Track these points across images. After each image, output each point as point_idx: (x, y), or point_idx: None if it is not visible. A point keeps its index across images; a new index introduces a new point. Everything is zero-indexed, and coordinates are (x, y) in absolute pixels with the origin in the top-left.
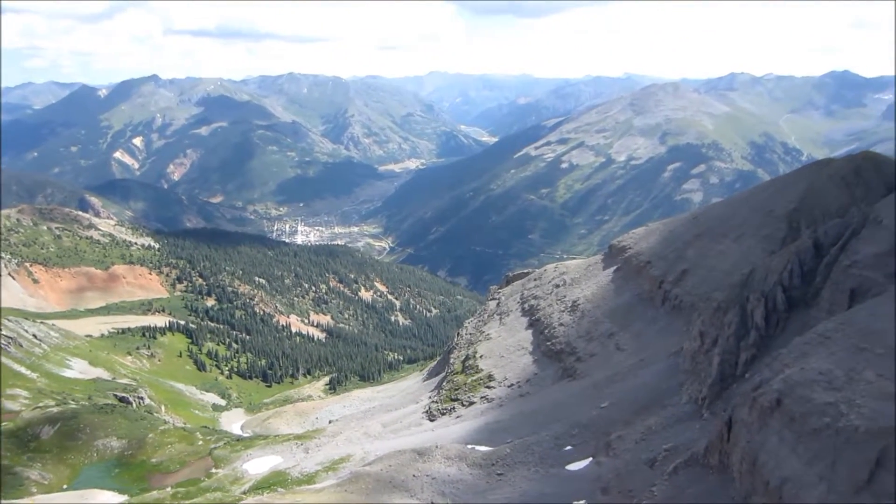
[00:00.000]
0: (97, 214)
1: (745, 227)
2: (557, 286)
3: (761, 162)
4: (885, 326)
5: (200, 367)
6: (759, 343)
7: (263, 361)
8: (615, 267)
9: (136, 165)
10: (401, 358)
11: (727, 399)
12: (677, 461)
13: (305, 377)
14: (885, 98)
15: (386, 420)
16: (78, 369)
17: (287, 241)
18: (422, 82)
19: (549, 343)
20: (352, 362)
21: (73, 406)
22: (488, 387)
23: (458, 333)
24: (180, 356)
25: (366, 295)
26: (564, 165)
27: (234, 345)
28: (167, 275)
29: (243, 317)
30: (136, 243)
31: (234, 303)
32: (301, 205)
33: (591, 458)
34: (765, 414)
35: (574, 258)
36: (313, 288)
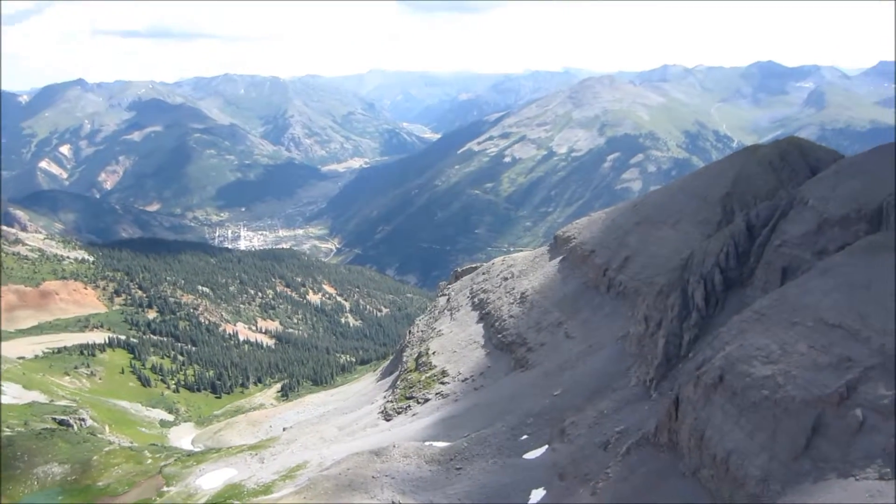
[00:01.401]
0: (24, 228)
1: (683, 213)
2: (506, 279)
3: (695, 150)
4: (815, 300)
5: (145, 382)
6: (700, 323)
7: (211, 372)
8: (561, 257)
9: (65, 175)
10: (353, 360)
11: (673, 379)
12: (629, 442)
13: (256, 385)
14: (805, 86)
15: (341, 423)
16: (11, 394)
17: (230, 247)
18: (362, 80)
19: (500, 335)
20: (303, 367)
21: (8, 433)
22: (442, 382)
23: (409, 331)
24: (122, 373)
25: (314, 298)
26: (507, 159)
27: (180, 357)
28: (104, 288)
29: (188, 328)
30: (68, 257)
31: (178, 314)
32: (243, 209)
33: (546, 446)
34: (709, 391)
35: (520, 250)
36: (259, 294)
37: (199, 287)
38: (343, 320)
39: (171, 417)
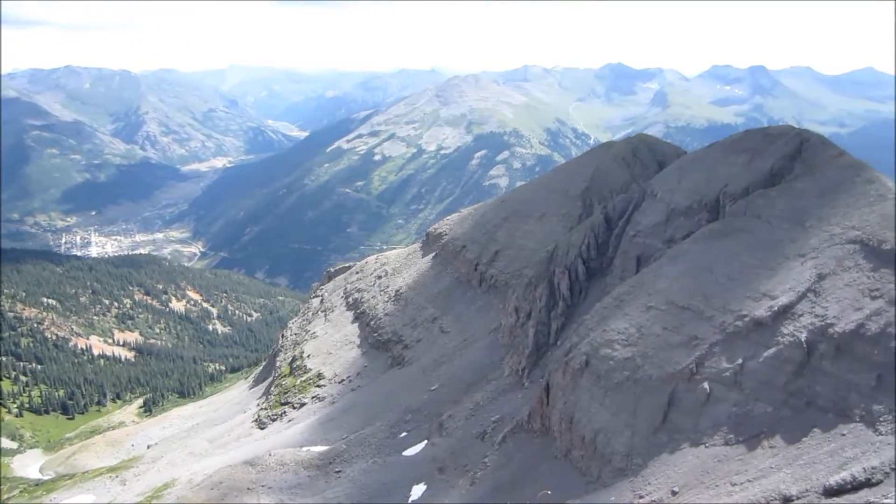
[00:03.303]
0: None
1: (547, 207)
2: (379, 277)
3: (556, 146)
4: (666, 285)
5: None
6: (566, 312)
7: (62, 392)
8: (433, 253)
9: None
10: (223, 368)
11: (544, 367)
12: (505, 431)
13: (115, 402)
14: (651, 87)
15: (212, 435)
16: None
17: (79, 254)
18: (223, 76)
19: (375, 334)
20: (168, 379)
21: None
22: (319, 385)
23: (282, 335)
24: None
25: (178, 305)
26: (377, 157)
27: (23, 377)
28: None
29: (31, 344)
30: None
31: (18, 329)
32: (93, 213)
33: (425, 441)
34: (576, 375)
35: (393, 248)
36: (115, 303)
37: (44, 299)
38: (210, 327)
39: (14, 445)
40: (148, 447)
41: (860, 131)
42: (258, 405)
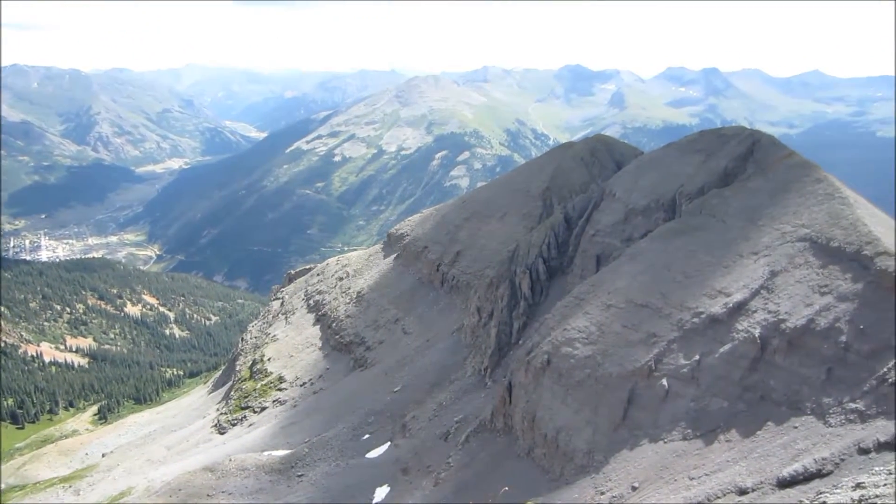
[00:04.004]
0: None
1: (508, 207)
2: (341, 279)
3: (516, 147)
4: (625, 284)
5: None
6: (528, 311)
7: (11, 400)
8: (395, 254)
9: None
10: (181, 373)
11: (506, 366)
12: (468, 430)
13: (68, 410)
14: (608, 88)
15: (170, 442)
16: None
17: (28, 258)
18: (179, 76)
19: (337, 336)
20: (123, 385)
21: None
22: (280, 389)
23: (242, 339)
24: None
25: (133, 310)
26: (337, 158)
27: None
28: None
29: None
30: None
31: None
32: (43, 216)
33: (389, 443)
34: (538, 374)
35: (355, 250)
36: (67, 309)
37: None
38: (167, 332)
39: None
40: (103, 455)
41: (809, 132)
42: (218, 410)
